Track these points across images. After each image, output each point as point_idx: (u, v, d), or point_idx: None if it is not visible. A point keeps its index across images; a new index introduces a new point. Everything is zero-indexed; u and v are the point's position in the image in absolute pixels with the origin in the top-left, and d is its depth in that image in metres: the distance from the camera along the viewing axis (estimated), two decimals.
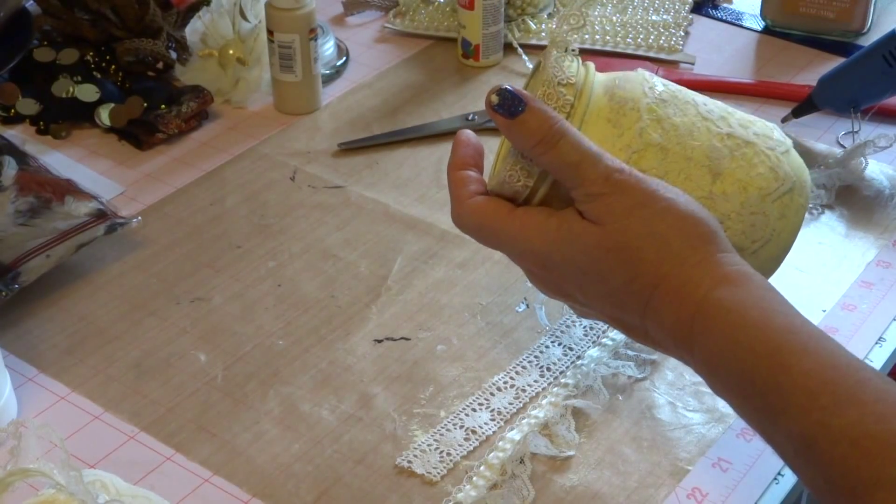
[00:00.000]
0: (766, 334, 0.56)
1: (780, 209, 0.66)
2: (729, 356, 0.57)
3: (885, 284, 0.85)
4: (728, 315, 0.57)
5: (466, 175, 0.66)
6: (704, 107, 0.67)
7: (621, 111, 0.65)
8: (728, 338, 0.57)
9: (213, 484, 0.70)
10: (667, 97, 0.66)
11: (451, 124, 1.04)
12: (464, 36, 1.12)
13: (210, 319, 0.82)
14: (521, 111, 0.60)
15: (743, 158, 0.65)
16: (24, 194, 0.86)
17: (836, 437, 0.52)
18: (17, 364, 0.78)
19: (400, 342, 0.80)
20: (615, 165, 0.60)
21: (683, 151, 0.65)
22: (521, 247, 0.63)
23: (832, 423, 0.52)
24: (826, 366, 0.54)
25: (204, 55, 1.06)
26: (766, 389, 0.55)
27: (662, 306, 0.59)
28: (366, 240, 0.90)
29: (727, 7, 1.24)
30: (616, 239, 0.59)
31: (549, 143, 0.60)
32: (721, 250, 0.59)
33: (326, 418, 0.74)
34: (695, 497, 0.69)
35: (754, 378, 0.55)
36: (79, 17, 1.08)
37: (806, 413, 0.53)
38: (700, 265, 0.58)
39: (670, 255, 0.59)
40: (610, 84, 0.67)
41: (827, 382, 0.53)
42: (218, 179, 0.97)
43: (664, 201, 0.59)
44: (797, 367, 0.54)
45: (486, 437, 0.73)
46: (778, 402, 0.54)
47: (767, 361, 0.55)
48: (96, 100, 1.03)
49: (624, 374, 0.77)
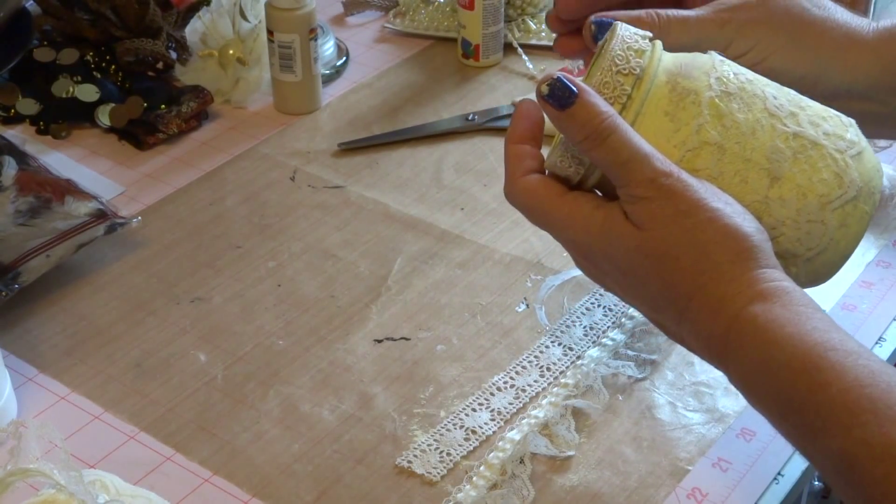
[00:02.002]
0: (803, 351, 0.54)
1: (841, 218, 0.62)
2: (764, 374, 0.55)
3: (885, 284, 0.85)
4: (762, 332, 0.55)
5: (522, 150, 0.63)
6: (774, 101, 0.62)
7: (681, 104, 0.61)
8: (763, 355, 0.55)
9: (213, 484, 0.70)
10: (733, 89, 0.62)
11: (451, 124, 1.04)
12: (464, 36, 1.12)
13: (210, 319, 0.82)
14: (571, 103, 0.58)
15: (807, 162, 0.61)
16: (24, 194, 0.86)
17: (878, 454, 0.51)
18: (17, 364, 0.78)
19: (400, 342, 0.80)
20: (663, 168, 0.58)
21: (742, 152, 0.61)
22: (565, 234, 0.62)
23: (874, 440, 0.51)
24: (866, 383, 0.52)
25: (204, 55, 1.06)
26: (804, 407, 0.53)
27: (697, 318, 0.58)
28: (366, 240, 0.90)
29: None
30: (655, 246, 0.58)
31: (597, 140, 0.58)
32: (761, 266, 0.58)
33: (326, 418, 0.74)
34: (695, 497, 0.69)
35: (791, 396, 0.54)
36: (79, 17, 1.08)
37: (846, 431, 0.52)
38: (736, 280, 0.57)
39: (708, 268, 0.57)
40: (675, 70, 0.62)
41: (868, 399, 0.52)
42: (218, 179, 0.97)
43: (709, 212, 0.58)
44: (836, 385, 0.53)
45: (486, 437, 0.73)
46: (817, 421, 0.53)
47: (805, 379, 0.54)
48: (96, 100, 1.03)
49: (624, 374, 0.77)
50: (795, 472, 0.71)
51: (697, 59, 0.63)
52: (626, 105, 0.61)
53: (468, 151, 1.01)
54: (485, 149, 1.01)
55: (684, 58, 0.64)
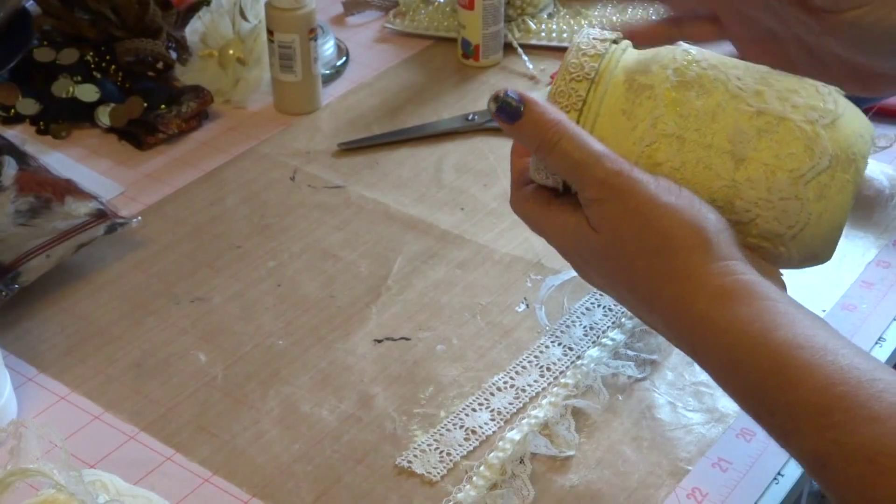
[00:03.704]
0: (769, 351, 0.54)
1: (818, 189, 0.60)
2: (733, 375, 0.55)
3: (885, 284, 0.85)
4: (726, 334, 0.55)
5: (522, 163, 0.66)
6: (737, 82, 0.62)
7: (637, 101, 0.61)
8: (729, 357, 0.55)
9: (213, 484, 0.70)
10: (691, 77, 0.61)
11: (451, 124, 1.04)
12: (464, 36, 1.12)
13: (210, 319, 0.82)
14: (519, 116, 0.60)
15: (772, 138, 0.60)
16: (24, 194, 0.86)
17: (850, 455, 0.50)
18: (17, 364, 0.78)
19: (400, 342, 0.80)
20: (614, 168, 0.58)
21: (702, 139, 0.60)
22: (552, 241, 0.64)
23: (846, 441, 0.51)
24: (836, 381, 0.52)
25: (204, 55, 1.06)
26: (775, 409, 0.53)
27: (663, 318, 0.58)
28: (366, 240, 0.90)
29: None
30: (610, 249, 0.59)
31: (547, 147, 0.59)
32: (719, 258, 0.57)
33: (326, 418, 0.74)
34: (695, 497, 0.69)
35: (762, 398, 0.54)
36: (79, 17, 1.08)
37: (818, 432, 0.51)
38: (693, 277, 0.56)
39: (661, 269, 0.57)
40: (634, 68, 0.62)
41: (838, 398, 0.51)
42: (218, 179, 0.97)
43: (659, 208, 0.57)
44: (805, 385, 0.52)
45: (486, 437, 0.73)
46: (788, 422, 0.53)
47: (774, 380, 0.53)
48: (96, 100, 1.03)
49: (624, 374, 0.77)
50: (795, 472, 0.71)
51: (659, 53, 0.63)
52: (583, 110, 0.62)
53: (468, 151, 1.01)
54: (485, 149, 1.01)
55: (647, 53, 0.64)
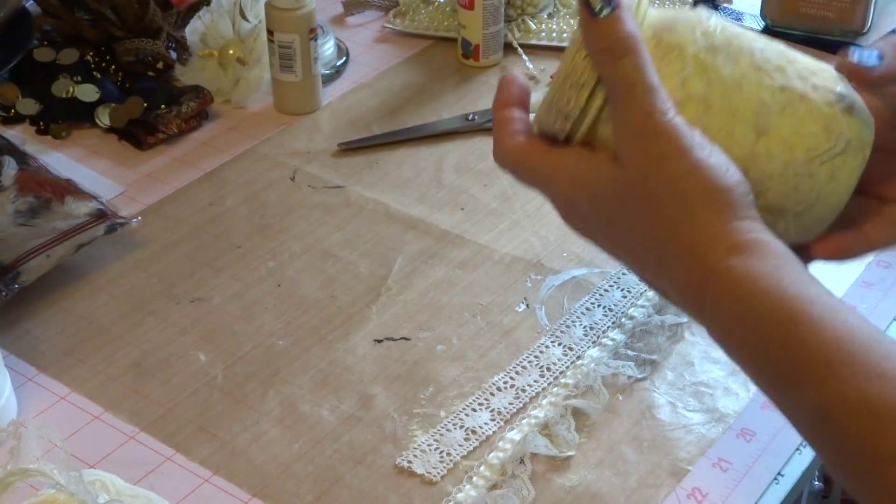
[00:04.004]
0: (780, 304, 0.54)
1: (830, 171, 0.60)
2: (741, 327, 0.55)
3: (885, 284, 0.85)
4: (739, 285, 0.55)
5: (509, 114, 0.64)
6: (762, 54, 0.61)
7: (665, 59, 0.60)
8: (740, 308, 0.55)
9: (213, 484, 0.70)
10: (719, 44, 0.61)
11: (451, 124, 1.04)
12: (464, 36, 1.12)
13: (210, 319, 0.82)
14: (605, 13, 0.58)
15: (794, 115, 0.60)
16: (24, 194, 0.86)
17: (853, 408, 0.50)
18: (17, 364, 0.78)
19: (400, 342, 0.80)
20: (662, 106, 0.57)
21: (728, 106, 0.60)
22: (552, 188, 0.62)
23: (850, 394, 0.50)
24: (844, 338, 0.52)
25: (204, 55, 1.06)
26: (780, 360, 0.53)
27: (674, 267, 0.57)
28: (366, 240, 0.90)
29: (727, 7, 1.24)
30: (636, 189, 0.58)
31: (613, 54, 0.58)
32: (740, 217, 0.57)
33: (326, 418, 0.74)
34: (695, 497, 0.69)
35: (768, 349, 0.53)
36: (79, 17, 1.08)
37: (822, 384, 0.51)
38: (713, 231, 0.57)
39: (686, 217, 0.57)
40: (660, 26, 0.62)
41: (846, 354, 0.51)
42: (218, 179, 0.97)
43: (692, 161, 0.57)
44: (813, 338, 0.52)
45: (486, 437, 0.73)
46: (793, 374, 0.53)
47: (782, 332, 0.53)
48: (96, 100, 1.03)
49: (624, 374, 0.77)
50: (795, 472, 0.71)
51: (683, 15, 0.63)
52: None
53: (468, 151, 1.01)
54: (485, 149, 1.01)
55: (670, 13, 0.63)
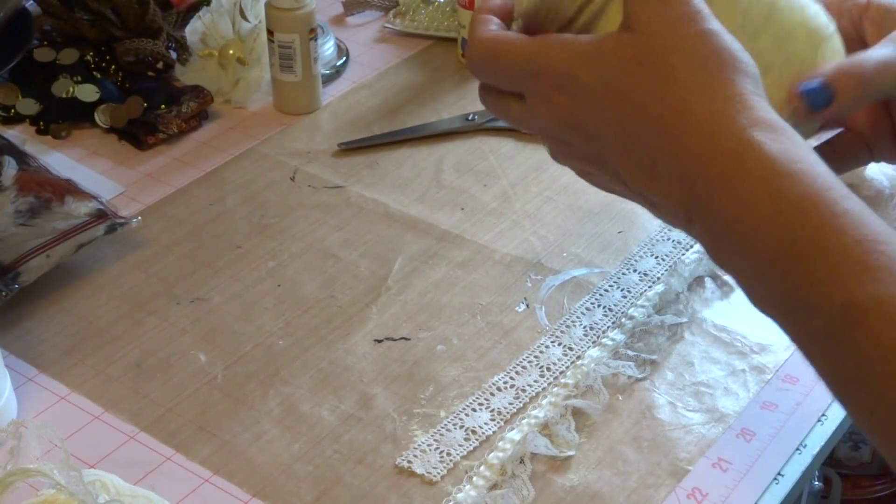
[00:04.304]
0: (816, 191, 0.49)
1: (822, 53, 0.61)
2: (768, 208, 0.50)
3: None
4: (772, 162, 0.50)
5: (486, 17, 0.60)
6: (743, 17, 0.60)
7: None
8: (771, 186, 0.50)
9: (213, 484, 0.70)
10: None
11: (451, 124, 1.04)
12: (464, 36, 1.12)
13: (210, 319, 0.82)
14: None
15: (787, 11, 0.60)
16: (24, 194, 0.86)
17: (890, 316, 0.46)
18: (17, 364, 0.78)
19: (400, 342, 0.80)
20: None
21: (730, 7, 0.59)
22: (539, 65, 0.56)
23: (888, 300, 0.46)
24: (883, 240, 0.47)
25: (204, 55, 1.06)
26: (809, 251, 0.48)
27: (691, 131, 0.52)
28: (366, 240, 0.90)
29: None
30: (650, 50, 0.54)
31: None
32: (759, 95, 0.53)
33: (326, 418, 0.74)
34: (695, 497, 0.69)
35: (795, 237, 0.49)
36: (79, 17, 1.08)
37: (858, 283, 0.47)
38: (736, 99, 0.52)
39: (704, 79, 0.53)
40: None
41: (886, 257, 0.47)
42: (218, 179, 0.97)
43: (709, 25, 0.54)
44: (851, 234, 0.47)
45: (486, 437, 0.73)
46: (822, 268, 0.48)
47: (816, 220, 0.48)
48: (96, 100, 1.03)
49: (624, 374, 0.77)
50: (795, 472, 0.71)
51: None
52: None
53: (468, 151, 1.01)
54: (485, 149, 1.01)
55: None
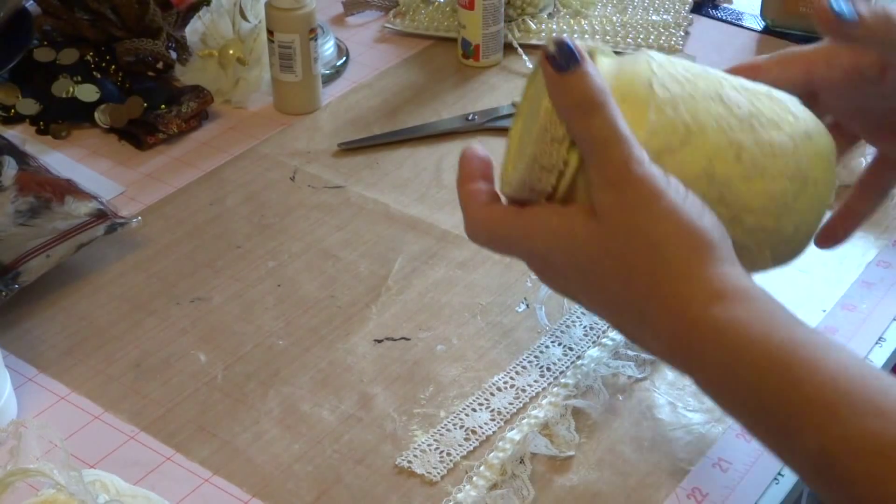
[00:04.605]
0: (770, 350, 0.53)
1: (802, 203, 0.62)
2: (732, 377, 0.54)
3: (885, 284, 0.85)
4: (725, 334, 0.54)
5: (474, 188, 0.64)
6: (717, 96, 0.61)
7: (629, 110, 0.59)
8: (728, 357, 0.54)
9: (213, 484, 0.70)
10: (677, 93, 0.60)
11: (451, 124, 1.04)
12: (464, 36, 1.12)
13: (210, 319, 0.82)
14: (571, 69, 0.57)
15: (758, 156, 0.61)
16: (24, 194, 0.86)
17: (858, 450, 0.50)
18: (17, 364, 0.78)
19: (400, 342, 0.80)
20: (637, 155, 0.57)
21: (697, 153, 0.60)
22: (526, 247, 0.61)
23: (852, 435, 0.50)
24: (839, 377, 0.51)
25: (204, 55, 1.06)
26: (777, 408, 0.52)
27: (657, 320, 0.57)
28: (366, 240, 0.90)
29: (727, 7, 1.24)
30: (611, 240, 0.57)
31: (585, 111, 0.57)
32: (719, 263, 0.56)
33: (326, 418, 0.74)
34: (695, 497, 0.69)
35: (762, 398, 0.53)
36: (79, 17, 1.08)
37: (823, 428, 0.51)
38: (694, 278, 0.56)
39: (662, 265, 0.56)
40: (617, 77, 0.61)
41: (843, 394, 0.51)
42: (218, 179, 0.97)
43: (667, 204, 0.56)
44: (808, 382, 0.51)
45: (486, 437, 0.73)
46: (791, 421, 0.52)
47: (775, 378, 0.52)
48: (96, 100, 1.03)
49: (624, 374, 0.77)
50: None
51: (636, 63, 0.62)
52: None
53: None
54: (485, 149, 1.01)
55: (621, 62, 0.62)
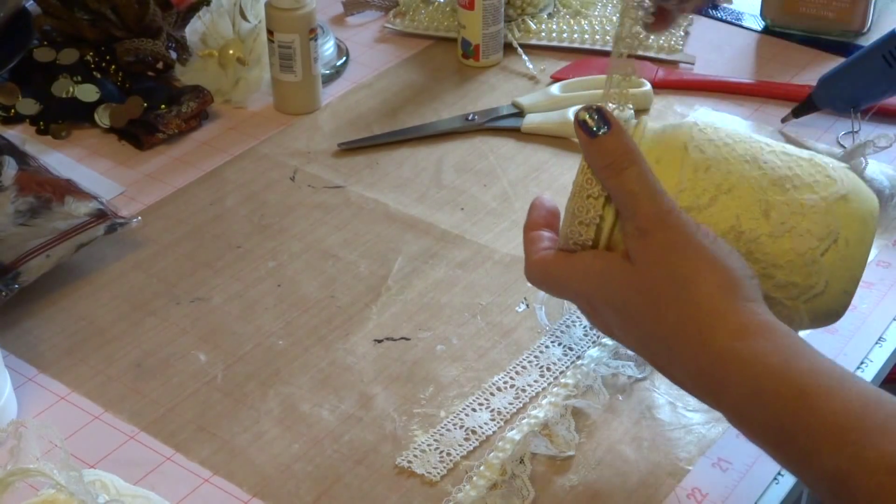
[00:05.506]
0: (789, 379, 0.57)
1: (833, 259, 0.65)
2: (754, 405, 0.58)
3: (885, 284, 0.85)
4: (749, 366, 0.58)
5: (536, 235, 0.69)
6: (753, 159, 0.66)
7: (663, 172, 0.65)
8: (751, 388, 0.58)
9: (213, 484, 0.70)
10: (712, 154, 0.66)
11: (451, 124, 1.04)
12: (464, 36, 1.12)
13: (210, 319, 0.82)
14: (602, 132, 0.63)
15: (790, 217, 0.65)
16: (24, 194, 0.86)
17: (871, 468, 0.53)
18: (17, 364, 0.78)
19: (400, 342, 0.80)
20: (667, 206, 0.62)
21: (725, 213, 0.65)
22: (573, 289, 0.66)
23: (866, 455, 0.53)
24: (854, 404, 0.55)
25: (204, 55, 1.07)
26: (796, 433, 0.56)
27: (684, 353, 0.61)
28: (366, 240, 0.90)
29: (727, 7, 1.24)
30: (643, 281, 0.62)
31: (617, 169, 0.62)
32: (744, 299, 0.61)
33: (326, 418, 0.74)
34: (695, 497, 0.69)
35: (783, 424, 0.57)
36: (79, 17, 1.08)
37: (838, 450, 0.54)
38: (719, 313, 0.60)
39: (690, 301, 0.60)
40: (655, 142, 0.67)
41: (857, 418, 0.55)
42: (218, 179, 0.97)
43: (696, 245, 0.61)
44: (825, 408, 0.56)
45: (486, 437, 0.73)
46: (809, 444, 0.56)
47: (793, 405, 0.56)
48: (96, 100, 1.03)
49: (624, 374, 0.77)
50: None
51: (677, 128, 0.67)
52: None
53: (468, 151, 1.01)
54: (485, 149, 1.01)
55: (664, 127, 0.68)
